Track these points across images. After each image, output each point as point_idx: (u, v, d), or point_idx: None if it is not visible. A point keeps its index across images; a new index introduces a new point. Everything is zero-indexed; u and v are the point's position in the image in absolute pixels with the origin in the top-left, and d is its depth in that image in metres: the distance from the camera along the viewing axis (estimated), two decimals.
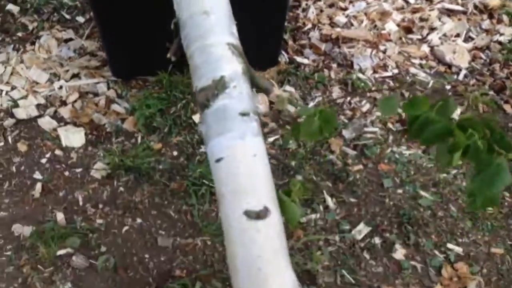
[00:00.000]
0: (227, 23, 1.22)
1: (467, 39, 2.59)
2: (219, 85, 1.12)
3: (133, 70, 2.20)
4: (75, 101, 2.16)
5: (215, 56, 1.15)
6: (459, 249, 1.79)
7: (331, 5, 2.74)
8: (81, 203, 1.79)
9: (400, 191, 1.92)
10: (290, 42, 2.49)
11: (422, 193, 1.91)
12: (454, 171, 1.99)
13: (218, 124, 1.08)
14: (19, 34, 2.45)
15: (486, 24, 2.67)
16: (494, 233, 1.84)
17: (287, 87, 2.26)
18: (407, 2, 2.78)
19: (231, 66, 1.13)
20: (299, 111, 2.09)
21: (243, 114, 1.08)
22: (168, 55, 1.51)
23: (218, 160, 1.04)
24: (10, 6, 2.56)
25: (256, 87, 1.25)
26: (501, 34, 2.61)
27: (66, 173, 1.88)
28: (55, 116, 2.10)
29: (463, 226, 1.85)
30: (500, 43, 2.57)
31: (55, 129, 2.04)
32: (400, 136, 2.11)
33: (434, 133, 1.03)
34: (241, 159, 1.04)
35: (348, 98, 2.26)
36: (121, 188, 1.85)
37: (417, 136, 1.04)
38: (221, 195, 1.01)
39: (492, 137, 0.95)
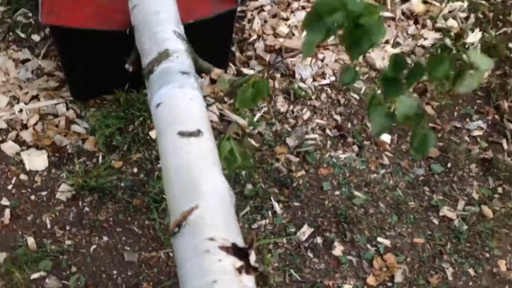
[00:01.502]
0: (174, 19, 1.41)
1: (395, 44, 2.74)
2: (163, 55, 1.24)
3: (91, 91, 2.24)
4: (36, 123, 2.18)
5: (161, 38, 1.31)
6: (387, 242, 1.97)
7: (274, 16, 2.82)
8: (49, 226, 1.84)
9: (337, 192, 2.07)
10: (238, 54, 2.57)
11: (356, 193, 2.07)
12: (382, 171, 2.16)
13: (160, 80, 1.19)
14: None
15: (412, 29, 2.82)
16: (416, 225, 2.02)
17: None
18: None
19: (175, 44, 1.29)
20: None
21: (183, 73, 1.20)
22: (126, 66, 1.59)
23: (158, 105, 1.14)
24: None
25: (199, 69, 1.37)
26: (425, 39, 2.77)
27: (32, 197, 1.93)
28: (17, 140, 2.11)
29: (390, 220, 2.02)
30: (423, 47, 2.73)
31: (18, 154, 2.06)
32: (337, 141, 2.25)
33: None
34: (179, 102, 1.14)
35: (291, 107, 2.37)
36: (86, 208, 1.91)
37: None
38: (159, 132, 1.09)
39: None
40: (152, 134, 2.17)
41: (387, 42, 2.73)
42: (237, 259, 0.79)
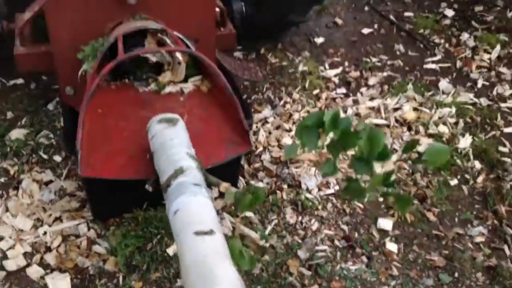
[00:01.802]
0: (186, 143, 1.65)
1: (392, 151, 2.90)
2: (178, 172, 1.47)
3: (111, 211, 2.35)
4: (59, 245, 2.27)
5: (176, 158, 1.56)
6: None
7: (277, 127, 3.01)
8: None
9: None
10: (246, 166, 2.72)
11: None
12: (393, 282, 2.23)
13: (177, 191, 1.43)
14: (1, 180, 2.55)
15: (406, 136, 3.01)
16: None
17: (247, 213, 2.46)
18: None
19: (188, 162, 1.54)
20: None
21: (196, 184, 1.44)
22: (146, 186, 1.74)
23: (175, 212, 1.36)
24: None
25: (209, 183, 1.58)
26: (420, 145, 2.95)
27: None
28: (41, 263, 2.19)
29: None
30: (418, 153, 2.89)
31: (42, 277, 2.13)
32: (346, 251, 2.34)
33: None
34: (194, 207, 1.37)
35: (300, 218, 2.49)
36: None
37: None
38: (178, 233, 1.29)
39: None
40: (170, 251, 2.25)
41: None
42: None
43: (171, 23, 1.95)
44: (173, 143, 1.63)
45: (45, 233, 2.30)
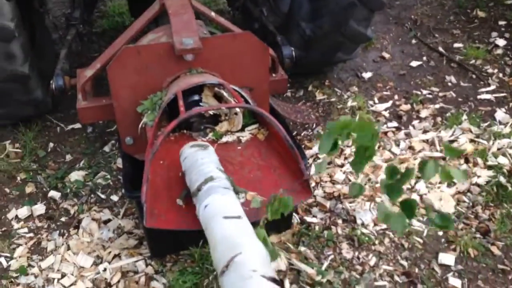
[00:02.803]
0: (215, 161, 1.78)
1: (449, 184, 2.90)
2: (208, 179, 1.61)
3: (168, 248, 2.46)
4: (118, 281, 2.38)
5: (206, 171, 1.69)
6: None
7: (329, 163, 3.08)
8: None
9: None
10: None
11: None
12: None
13: (206, 193, 1.57)
14: (63, 219, 2.72)
15: (463, 168, 3.00)
16: None
17: (302, 248, 2.51)
18: (394, 154, 3.13)
19: (217, 173, 1.70)
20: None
21: (225, 188, 1.60)
22: (177, 201, 1.80)
23: (205, 206, 1.53)
24: (52, 193, 2.85)
25: (236, 191, 1.72)
26: (478, 177, 2.93)
27: None
28: None
29: None
30: (478, 185, 2.88)
31: None
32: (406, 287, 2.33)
33: None
34: (223, 202, 1.53)
35: (356, 253, 2.50)
36: None
37: None
38: (208, 222, 1.47)
39: None
40: None
41: (441, 182, 2.90)
42: (275, 285, 1.11)
43: (226, 75, 2.08)
44: (204, 161, 1.74)
45: (105, 269, 2.42)
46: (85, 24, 3.25)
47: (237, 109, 2.02)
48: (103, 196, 2.86)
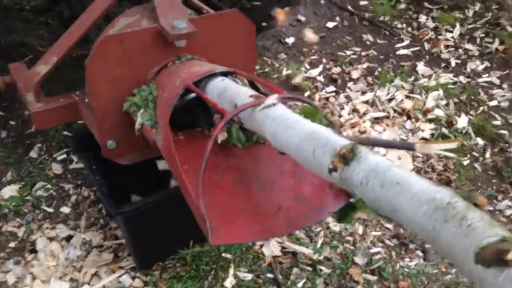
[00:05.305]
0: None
1: (401, 140, 3.13)
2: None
3: (157, 257, 2.31)
4: None
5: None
6: None
7: None
8: None
9: None
10: None
11: None
12: (454, 270, 2.42)
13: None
14: (12, 245, 2.38)
15: (408, 124, 3.25)
16: None
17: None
18: (341, 116, 3.26)
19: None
20: None
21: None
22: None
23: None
24: None
25: None
26: (423, 131, 3.20)
27: None
28: None
29: None
30: (425, 139, 3.15)
31: None
32: (399, 249, 2.50)
33: None
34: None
35: (343, 224, 2.60)
36: None
37: None
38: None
39: None
40: (227, 284, 2.26)
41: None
42: None
43: (213, 59, 1.94)
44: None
45: None
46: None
47: None
48: (50, 210, 2.55)
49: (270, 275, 2.32)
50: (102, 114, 1.86)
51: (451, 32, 4.17)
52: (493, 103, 3.50)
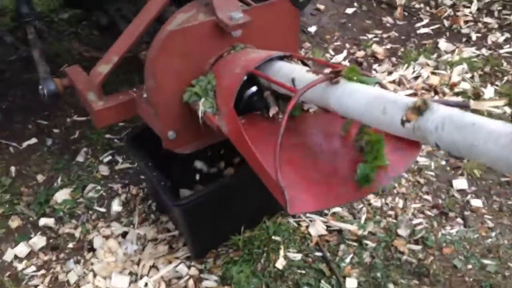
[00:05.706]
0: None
1: None
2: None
3: (211, 245, 2.43)
4: None
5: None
6: None
7: None
8: None
9: (470, 266, 2.36)
10: None
11: (485, 261, 2.38)
12: (493, 233, 2.49)
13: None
14: (70, 245, 2.51)
15: (437, 99, 3.31)
16: None
17: (333, 210, 2.62)
18: None
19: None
20: None
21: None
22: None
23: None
24: (44, 220, 2.61)
25: None
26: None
27: None
28: None
29: None
30: None
31: None
32: (440, 219, 2.58)
33: None
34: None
35: (383, 200, 2.69)
36: None
37: None
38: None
39: None
40: (279, 265, 2.37)
41: None
42: None
43: (260, 47, 2.04)
44: None
45: (146, 284, 2.32)
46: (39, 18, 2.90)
47: None
48: (102, 210, 2.69)
49: (318, 253, 2.42)
50: (165, 106, 1.97)
51: (469, 7, 4.21)
52: None
